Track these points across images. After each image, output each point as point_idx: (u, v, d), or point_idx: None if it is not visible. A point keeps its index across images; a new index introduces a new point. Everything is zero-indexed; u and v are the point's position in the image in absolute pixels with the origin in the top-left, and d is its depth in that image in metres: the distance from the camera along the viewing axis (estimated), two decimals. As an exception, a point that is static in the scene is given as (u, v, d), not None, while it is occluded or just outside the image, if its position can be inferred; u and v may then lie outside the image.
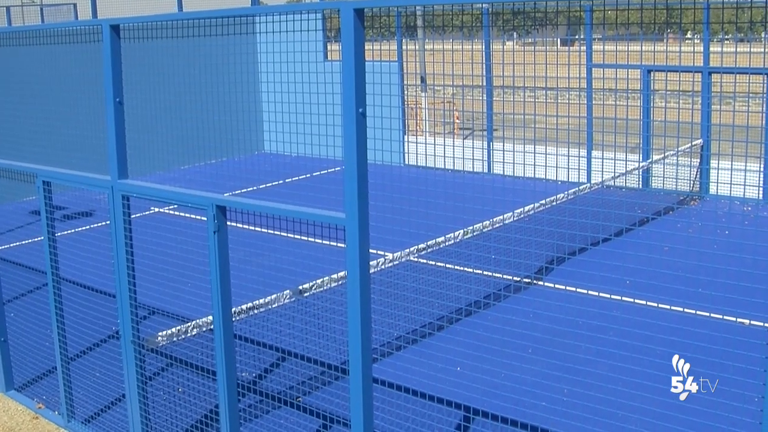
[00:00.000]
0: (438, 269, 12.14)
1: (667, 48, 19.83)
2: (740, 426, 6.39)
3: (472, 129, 24.97)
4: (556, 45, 22.06)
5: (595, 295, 11.09)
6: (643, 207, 16.24)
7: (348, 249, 5.21)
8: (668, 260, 10.60)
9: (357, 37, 4.90)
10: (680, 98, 19.30)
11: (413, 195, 9.31)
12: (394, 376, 8.66)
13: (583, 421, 7.80)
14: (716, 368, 7.71)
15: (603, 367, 8.77)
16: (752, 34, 17.98)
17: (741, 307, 9.09)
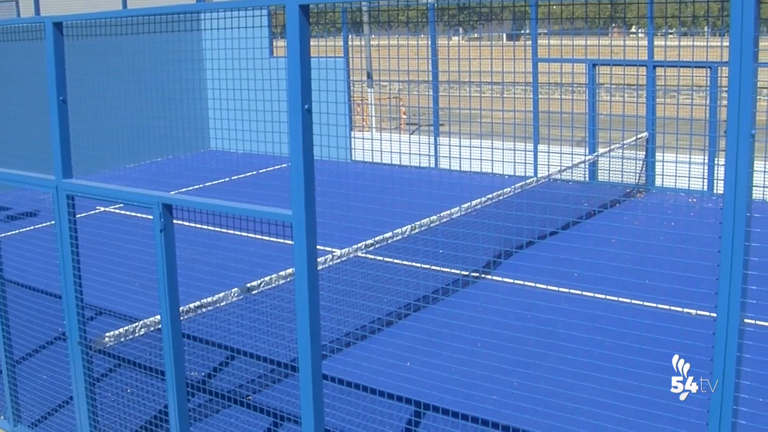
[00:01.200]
0: (386, 265, 12.16)
1: (611, 42, 19.99)
2: (688, 414, 6.45)
3: (418, 124, 25.02)
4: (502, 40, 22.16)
5: (542, 288, 11.15)
6: (589, 200, 16.37)
7: (295, 246, 5.19)
8: (615, 252, 10.70)
9: (302, 33, 4.88)
10: (625, 92, 19.46)
11: (360, 191, 9.32)
12: (343, 373, 8.65)
13: (533, 413, 7.85)
14: (664, 358, 7.79)
15: (552, 359, 8.83)
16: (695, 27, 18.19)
17: (687, 298, 9.20)
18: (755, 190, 4.47)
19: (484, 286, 11.76)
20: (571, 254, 11.39)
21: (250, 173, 19.92)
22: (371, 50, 24.38)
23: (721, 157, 4.17)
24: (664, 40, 19.77)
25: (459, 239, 11.85)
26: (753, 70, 4.14)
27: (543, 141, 18.97)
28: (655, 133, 18.16)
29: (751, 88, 4.14)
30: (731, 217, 4.34)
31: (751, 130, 4.20)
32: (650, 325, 8.93)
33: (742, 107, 4.16)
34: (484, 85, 9.28)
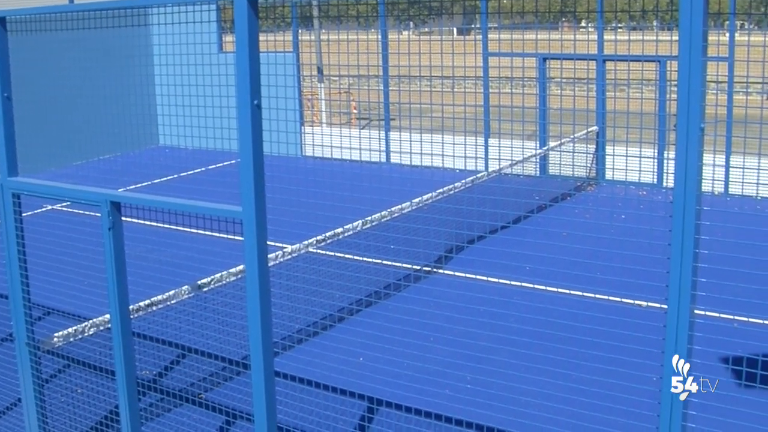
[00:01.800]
0: (337, 260, 12.12)
1: (562, 36, 20.10)
2: (640, 406, 6.50)
3: (369, 119, 24.99)
4: (453, 34, 22.21)
5: (494, 282, 11.18)
6: (540, 194, 16.44)
7: (246, 242, 5.14)
8: (566, 246, 10.76)
9: (251, 28, 4.83)
10: (575, 86, 19.58)
11: (311, 186, 9.27)
12: (296, 369, 8.61)
13: (486, 407, 7.86)
14: (616, 351, 7.85)
15: (504, 353, 8.85)
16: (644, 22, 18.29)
17: (638, 290, 9.26)
18: (705, 183, 4.50)
19: (435, 281, 11.76)
20: (523, 248, 11.42)
21: (199, 169, 19.79)
22: (321, 45, 24.32)
23: (670, 150, 4.19)
24: (614, 34, 19.90)
25: (410, 234, 11.86)
26: (702, 64, 4.15)
27: (494, 135, 19.02)
28: (605, 126, 18.28)
29: (701, 82, 4.16)
30: (681, 210, 4.36)
31: (701, 124, 4.22)
32: (601, 318, 8.98)
33: (691, 101, 4.18)
34: (434, 79, 9.28)
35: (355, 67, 8.89)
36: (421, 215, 12.11)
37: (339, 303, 10.68)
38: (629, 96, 14.02)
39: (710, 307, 6.12)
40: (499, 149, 16.36)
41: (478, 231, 11.45)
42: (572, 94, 14.73)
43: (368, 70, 10.01)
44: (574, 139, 17.80)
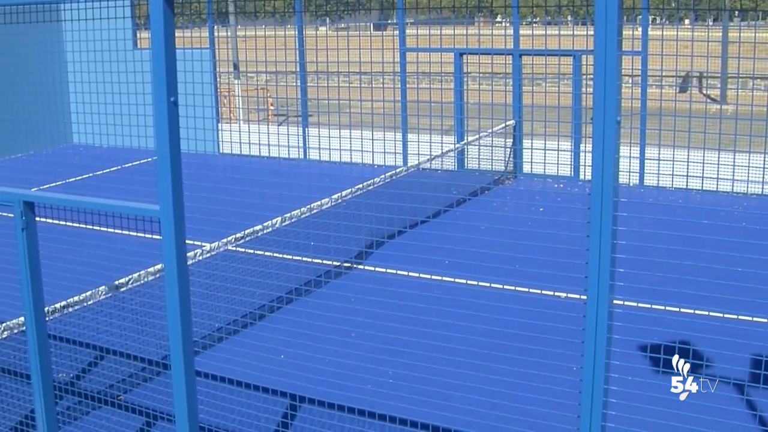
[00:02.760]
0: (257, 258, 12.03)
1: (478, 31, 20.23)
2: (561, 396, 6.57)
3: (286, 115, 24.90)
4: (369, 30, 22.20)
5: (415, 277, 11.21)
6: (459, 188, 16.52)
7: (164, 241, 5.08)
8: (486, 239, 10.83)
9: (166, 24, 4.77)
10: (492, 80, 19.73)
11: (229, 184, 9.20)
12: (217, 368, 8.54)
13: (408, 402, 7.87)
14: (536, 342, 7.92)
15: (425, 347, 8.87)
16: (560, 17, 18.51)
17: (558, 282, 9.37)
18: (621, 174, 4.56)
19: (356, 277, 11.76)
20: (442, 242, 11.47)
21: (115, 168, 19.51)
22: (238, 41, 24.15)
23: (587, 143, 4.24)
24: (530, 29, 20.09)
25: (329, 230, 11.82)
26: (617, 58, 4.20)
27: (411, 130, 19.08)
28: (522, 120, 18.45)
29: (616, 76, 4.21)
30: (599, 202, 4.41)
31: (617, 117, 4.27)
32: (522, 310, 9.06)
33: (607, 94, 4.23)
34: (351, 75, 9.26)
35: (272, 63, 8.85)
36: (340, 211, 12.09)
37: (259, 300, 10.61)
38: (546, 90, 14.18)
39: (628, 296, 6.21)
40: (418, 144, 16.41)
41: (397, 226, 11.49)
42: (489, 89, 14.85)
43: (285, 66, 9.98)
44: (491, 133, 17.93)
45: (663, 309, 9.16)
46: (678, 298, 8.86)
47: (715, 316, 9.25)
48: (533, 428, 7.31)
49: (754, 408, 7.89)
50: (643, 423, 6.38)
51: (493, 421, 7.70)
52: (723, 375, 7.74)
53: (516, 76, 18.78)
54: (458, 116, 18.38)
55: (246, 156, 12.02)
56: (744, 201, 15.40)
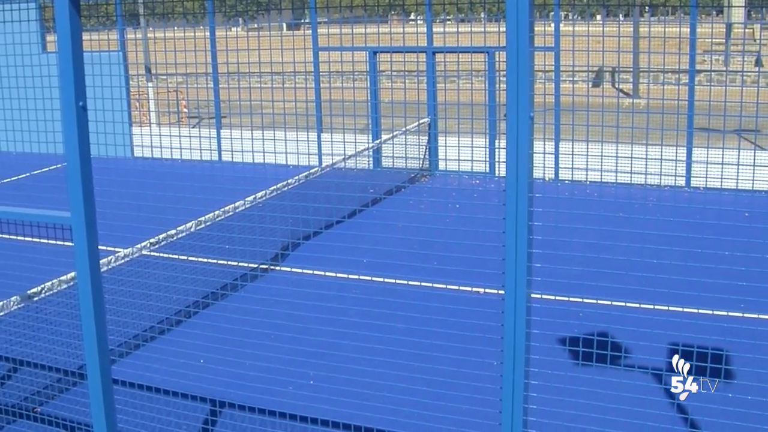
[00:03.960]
0: (172, 263, 11.89)
1: (391, 30, 20.27)
2: (483, 392, 6.60)
3: (199, 117, 24.69)
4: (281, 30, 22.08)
5: (332, 277, 11.18)
6: (375, 187, 16.53)
7: (76, 249, 4.98)
8: (403, 238, 10.85)
9: (73, 27, 4.67)
10: (406, 78, 19.79)
11: (143, 188, 9.06)
12: (134, 376, 8.41)
13: (330, 403, 7.84)
14: (456, 339, 7.94)
15: (346, 347, 8.85)
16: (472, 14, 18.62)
17: (476, 278, 9.40)
18: (536, 170, 4.58)
19: (273, 279, 11.68)
20: (359, 241, 11.46)
21: (23, 175, 19.13)
22: (149, 43, 23.87)
23: (502, 139, 4.25)
24: (443, 26, 20.19)
25: (245, 233, 11.74)
26: (529, 55, 4.22)
27: (326, 130, 19.05)
28: (437, 118, 18.53)
29: (528, 72, 4.23)
30: (514, 198, 4.43)
31: (530, 113, 4.29)
32: (441, 307, 9.08)
33: (520, 91, 4.24)
34: (265, 75, 9.19)
35: (185, 65, 8.75)
36: (256, 213, 12.00)
37: (176, 306, 10.49)
38: (459, 87, 14.27)
39: (546, 290, 6.26)
40: (331, 144, 16.39)
41: (313, 227, 11.44)
42: (403, 87, 14.88)
43: (197, 67, 9.89)
44: (406, 131, 17.97)
45: (581, 301, 9.25)
46: (595, 290, 8.96)
47: (632, 306, 9.38)
48: (456, 425, 7.33)
49: (671, 396, 8.02)
50: (564, 416, 6.44)
51: (416, 419, 7.71)
52: (641, 365, 7.86)
53: (430, 73, 18.86)
54: (373, 115, 18.41)
55: (159, 159, 11.86)
56: (658, 193, 15.66)
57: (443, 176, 18.58)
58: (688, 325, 7.12)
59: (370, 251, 10.93)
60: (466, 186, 17.34)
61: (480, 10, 20.74)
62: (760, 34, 27.69)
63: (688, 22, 18.05)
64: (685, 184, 17.26)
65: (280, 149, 8.03)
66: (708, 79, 21.90)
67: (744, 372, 8.23)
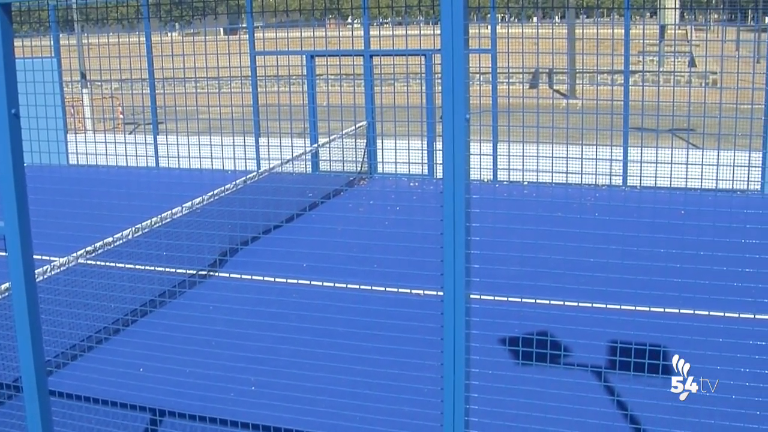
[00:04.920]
0: (110, 271, 11.75)
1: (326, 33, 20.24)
2: (424, 393, 6.61)
3: (135, 123, 24.46)
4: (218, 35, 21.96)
5: (271, 282, 11.13)
6: (313, 191, 16.49)
7: (10, 259, 4.90)
8: (342, 241, 10.84)
9: (4, 33, 4.59)
10: (343, 82, 19.79)
11: (79, 196, 8.94)
12: (72, 387, 8.29)
13: (272, 408, 7.81)
14: (397, 341, 7.94)
15: (287, 352, 8.81)
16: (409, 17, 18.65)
17: (415, 280, 9.41)
18: (473, 171, 4.59)
19: (212, 285, 11.61)
20: (298, 246, 11.41)
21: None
22: (84, 49, 23.62)
23: (440, 141, 4.26)
24: (380, 30, 20.21)
25: (183, 239, 11.64)
26: (464, 57, 4.23)
27: (264, 134, 18.97)
28: (375, 121, 18.54)
29: (464, 74, 4.24)
30: (451, 199, 4.43)
31: (466, 115, 4.30)
32: (381, 310, 9.07)
33: (456, 93, 4.25)
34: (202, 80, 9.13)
35: (121, 71, 8.67)
36: (193, 219, 11.91)
37: (114, 315, 10.37)
38: (396, 90, 14.29)
39: (485, 291, 6.28)
40: (268, 148, 16.32)
41: (251, 232, 11.38)
42: (340, 91, 14.89)
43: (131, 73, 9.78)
44: (344, 134, 17.97)
45: (520, 301, 9.30)
46: (534, 290, 9.01)
47: (571, 305, 9.45)
48: (398, 427, 7.33)
49: (612, 393, 8.10)
50: (506, 415, 6.46)
51: (358, 423, 7.70)
52: (581, 363, 7.91)
53: (368, 77, 18.88)
54: (311, 119, 18.39)
55: (96, 166, 11.72)
56: (595, 192, 15.81)
57: (382, 179, 18.60)
58: (627, 322, 7.19)
59: (309, 255, 10.90)
60: (404, 188, 17.37)
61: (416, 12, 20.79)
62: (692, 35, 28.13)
63: (622, 24, 18.25)
64: (622, 183, 17.47)
65: (218, 154, 7.97)
66: (642, 79, 22.17)
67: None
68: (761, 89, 12.56)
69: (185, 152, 8.38)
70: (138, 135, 22.26)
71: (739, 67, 17.90)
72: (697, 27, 25.29)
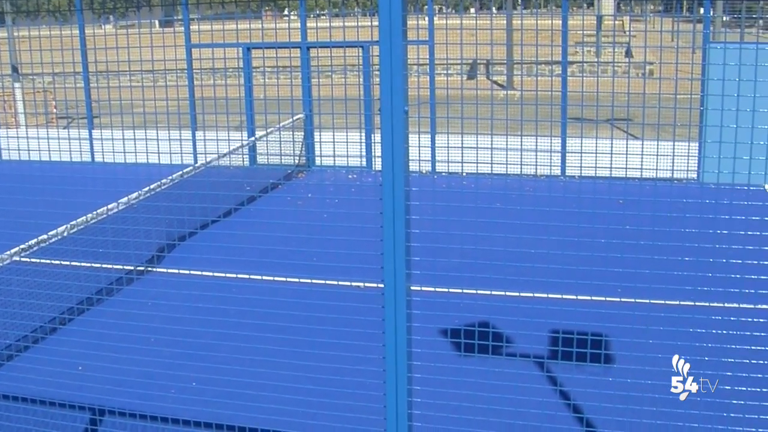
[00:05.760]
0: (45, 269, 11.57)
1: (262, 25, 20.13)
2: (367, 387, 6.58)
3: (70, 118, 24.16)
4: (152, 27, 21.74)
5: (210, 277, 11.03)
6: (251, 184, 16.39)
7: (-61, 259, 4.79)
8: (281, 235, 10.75)
9: (-73, 26, 4.47)
10: (280, 74, 19.69)
11: (12, 192, 8.79)
12: (9, 388, 8.15)
13: (214, 405, 7.74)
14: (339, 335, 7.90)
15: (228, 348, 8.74)
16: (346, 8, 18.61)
17: (355, 273, 9.39)
18: (412, 163, 4.57)
19: (150, 282, 11.48)
20: (236, 240, 11.32)
21: None
22: (16, 42, 23.26)
23: (378, 133, 4.24)
24: (316, 21, 20.15)
25: (120, 236, 11.48)
26: (402, 48, 4.20)
27: (201, 128, 18.83)
28: (312, 113, 18.48)
29: (402, 66, 4.21)
30: (390, 192, 4.41)
31: (404, 107, 4.27)
32: (322, 304, 9.03)
33: (394, 85, 4.22)
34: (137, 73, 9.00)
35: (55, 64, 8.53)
36: (130, 215, 11.76)
37: (50, 313, 10.21)
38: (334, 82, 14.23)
39: (426, 283, 6.27)
40: (205, 142, 16.21)
41: (189, 227, 11.27)
42: (277, 83, 14.82)
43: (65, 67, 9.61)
44: (281, 127, 17.89)
45: (460, 292, 9.31)
46: (475, 281, 9.03)
47: (512, 295, 9.48)
48: (341, 421, 7.31)
49: (554, 382, 8.14)
50: (449, 407, 6.46)
51: (302, 417, 7.65)
52: (522, 353, 7.95)
53: (304, 69, 18.82)
54: (248, 112, 18.28)
55: (30, 162, 11.51)
56: (534, 183, 15.88)
57: (320, 172, 18.55)
58: (568, 312, 7.21)
59: (248, 250, 10.80)
60: (343, 181, 17.33)
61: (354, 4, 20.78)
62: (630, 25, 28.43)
63: (560, 15, 18.37)
64: (561, 173, 17.58)
65: (154, 149, 7.87)
66: (580, 70, 22.35)
67: (622, 356, 8.42)
68: (698, 80, 12.68)
69: (121, 147, 8.27)
70: (72, 129, 21.97)
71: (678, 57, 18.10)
72: (634, 18, 25.55)
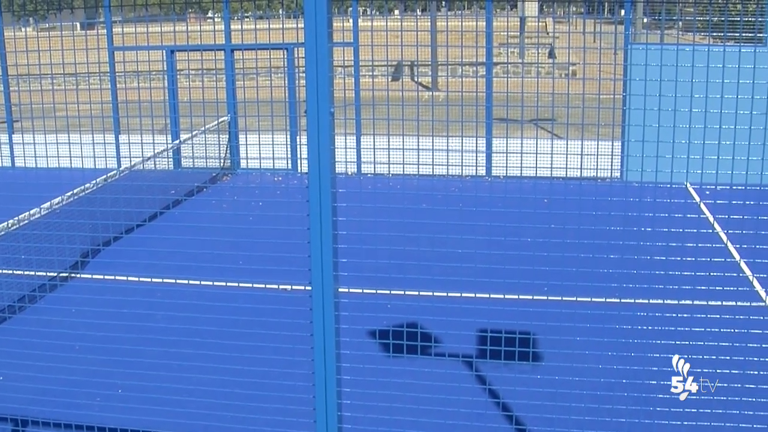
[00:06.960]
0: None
1: (187, 28, 20.00)
2: (296, 390, 6.56)
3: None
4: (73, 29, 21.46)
5: (135, 282, 10.91)
6: (175, 188, 16.24)
7: None
8: (206, 239, 10.67)
9: None
10: (205, 77, 19.57)
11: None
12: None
13: (141, 412, 7.64)
14: (267, 338, 7.86)
15: (155, 354, 8.65)
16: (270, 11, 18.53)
17: (282, 276, 9.35)
18: (338, 165, 4.56)
19: (73, 288, 11.31)
20: (161, 245, 11.22)
21: None
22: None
23: (303, 135, 4.23)
24: (241, 24, 20.06)
25: (41, 242, 11.29)
26: (328, 50, 4.19)
27: (124, 131, 18.62)
28: (237, 116, 18.40)
29: (328, 68, 4.20)
30: (317, 194, 4.40)
31: (330, 108, 4.26)
32: (249, 308, 8.97)
33: (320, 86, 4.21)
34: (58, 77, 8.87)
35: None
36: (53, 221, 11.57)
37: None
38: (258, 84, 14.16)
39: (354, 284, 6.27)
40: (129, 145, 16.03)
41: (113, 232, 11.11)
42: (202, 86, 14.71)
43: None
44: (205, 130, 17.77)
45: (388, 293, 9.33)
46: (402, 282, 9.05)
47: (439, 296, 9.51)
48: (271, 425, 7.26)
49: (482, 381, 8.19)
50: (379, 408, 6.46)
51: (230, 422, 7.60)
52: (451, 353, 7.98)
53: (229, 71, 18.73)
54: (172, 115, 18.13)
55: (-52, 168, 11.31)
56: (459, 183, 15.96)
57: (245, 175, 18.48)
58: (495, 311, 7.26)
59: (173, 254, 10.70)
60: (268, 184, 17.27)
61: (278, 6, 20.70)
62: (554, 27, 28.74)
63: (484, 16, 18.50)
64: (486, 173, 17.71)
65: (77, 153, 7.75)
66: (504, 71, 22.53)
67: (550, 354, 8.50)
68: (621, 80, 12.88)
69: (42, 151, 8.14)
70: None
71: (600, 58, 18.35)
72: (557, 19, 25.84)
